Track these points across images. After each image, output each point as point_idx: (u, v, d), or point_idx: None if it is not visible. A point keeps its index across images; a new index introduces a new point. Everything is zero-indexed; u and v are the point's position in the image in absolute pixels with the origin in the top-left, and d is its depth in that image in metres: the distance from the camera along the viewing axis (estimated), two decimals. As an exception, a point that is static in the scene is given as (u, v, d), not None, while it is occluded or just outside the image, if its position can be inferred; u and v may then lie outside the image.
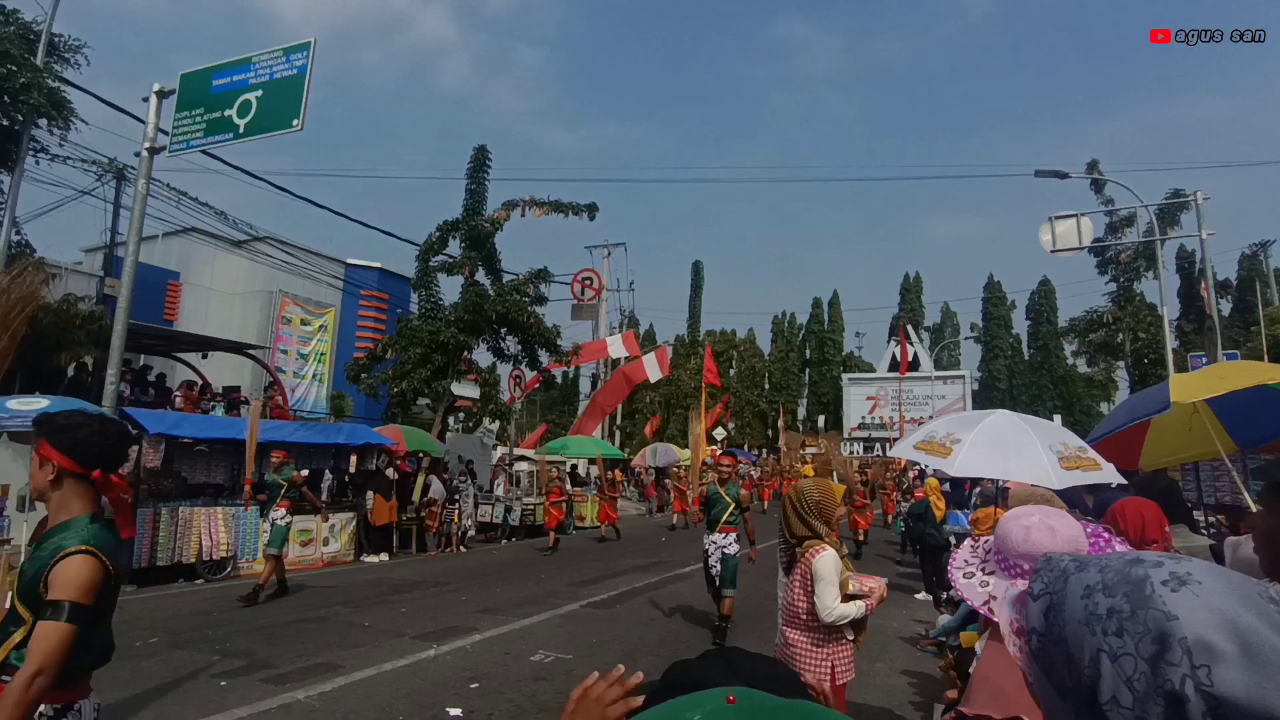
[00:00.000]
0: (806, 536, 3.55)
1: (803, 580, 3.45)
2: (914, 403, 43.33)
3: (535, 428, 34.88)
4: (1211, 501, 7.44)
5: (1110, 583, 0.69)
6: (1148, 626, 0.63)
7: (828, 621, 3.35)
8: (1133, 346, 28.71)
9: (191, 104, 11.96)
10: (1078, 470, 3.83)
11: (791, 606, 3.49)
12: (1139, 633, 0.64)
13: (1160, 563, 0.69)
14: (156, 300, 21.49)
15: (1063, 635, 0.69)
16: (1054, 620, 0.71)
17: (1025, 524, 1.68)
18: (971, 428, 4.20)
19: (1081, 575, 0.72)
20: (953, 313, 55.12)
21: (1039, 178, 18.03)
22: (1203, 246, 17.75)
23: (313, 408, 25.84)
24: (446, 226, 19.23)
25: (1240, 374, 4.63)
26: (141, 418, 10.99)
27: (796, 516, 3.59)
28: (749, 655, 0.85)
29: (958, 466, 4.05)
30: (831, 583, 3.37)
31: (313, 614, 8.60)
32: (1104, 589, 0.69)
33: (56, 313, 12.59)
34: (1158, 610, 0.64)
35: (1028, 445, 3.97)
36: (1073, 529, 1.64)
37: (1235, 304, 34.47)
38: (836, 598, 3.35)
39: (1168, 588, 0.65)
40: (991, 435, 4.13)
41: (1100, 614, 0.67)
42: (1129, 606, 0.65)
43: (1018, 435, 4.10)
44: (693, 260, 64.60)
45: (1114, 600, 0.67)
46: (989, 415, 4.40)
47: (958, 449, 4.04)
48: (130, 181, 14.11)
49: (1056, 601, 0.72)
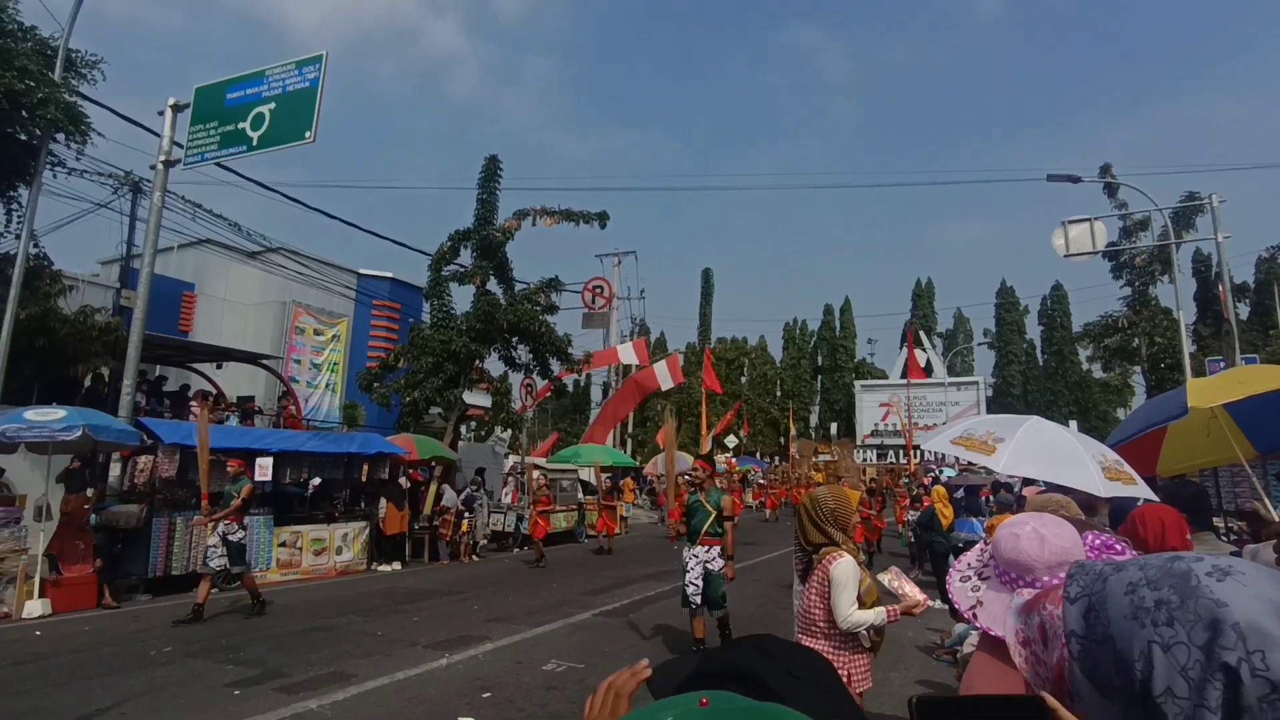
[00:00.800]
0: (823, 544, 3.51)
1: (819, 587, 3.40)
2: (927, 409, 43.06)
3: (547, 436, 34.92)
4: (1232, 508, 7.33)
5: (1154, 578, 0.69)
6: (1198, 614, 0.63)
7: (844, 628, 3.30)
8: (1149, 351, 28.40)
9: (206, 117, 12.13)
10: (1118, 483, 3.77)
11: (808, 614, 3.44)
12: (1190, 621, 0.64)
13: (1200, 558, 0.69)
14: (172, 311, 21.72)
15: (1108, 634, 0.69)
16: (1095, 621, 0.71)
17: (1016, 532, 1.65)
18: (1014, 429, 4.12)
19: (1121, 575, 0.72)
20: (965, 318, 54.91)
21: (1051, 182, 17.92)
22: (1219, 250, 17.57)
23: (326, 417, 25.98)
24: (458, 236, 19.34)
25: (1259, 378, 4.56)
26: (156, 428, 11.10)
27: (812, 524, 3.55)
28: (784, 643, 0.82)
29: (1005, 464, 3.96)
30: (848, 589, 3.31)
31: (325, 623, 8.62)
32: (1148, 584, 0.69)
33: (73, 324, 12.75)
34: (1207, 598, 0.64)
35: (1073, 453, 3.90)
36: (1065, 539, 1.61)
37: (1254, 308, 34.06)
38: (853, 604, 3.30)
39: (1213, 578, 0.66)
40: (1036, 438, 4.05)
41: (1148, 606, 0.67)
42: (1177, 597, 0.65)
43: (1063, 442, 4.04)
44: (703, 268, 64.54)
45: (1161, 593, 0.67)
46: (1027, 419, 4.30)
47: (1002, 448, 3.95)
48: (146, 194, 14.29)
49: (1096, 602, 0.72)
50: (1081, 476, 3.73)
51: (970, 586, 1.73)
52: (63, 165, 12.71)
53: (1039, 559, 1.59)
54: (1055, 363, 46.55)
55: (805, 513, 3.62)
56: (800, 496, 15.74)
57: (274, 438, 12.80)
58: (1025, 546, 1.61)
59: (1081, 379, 45.04)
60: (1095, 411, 43.37)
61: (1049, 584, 1.53)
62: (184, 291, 23.46)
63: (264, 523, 11.68)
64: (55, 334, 12.39)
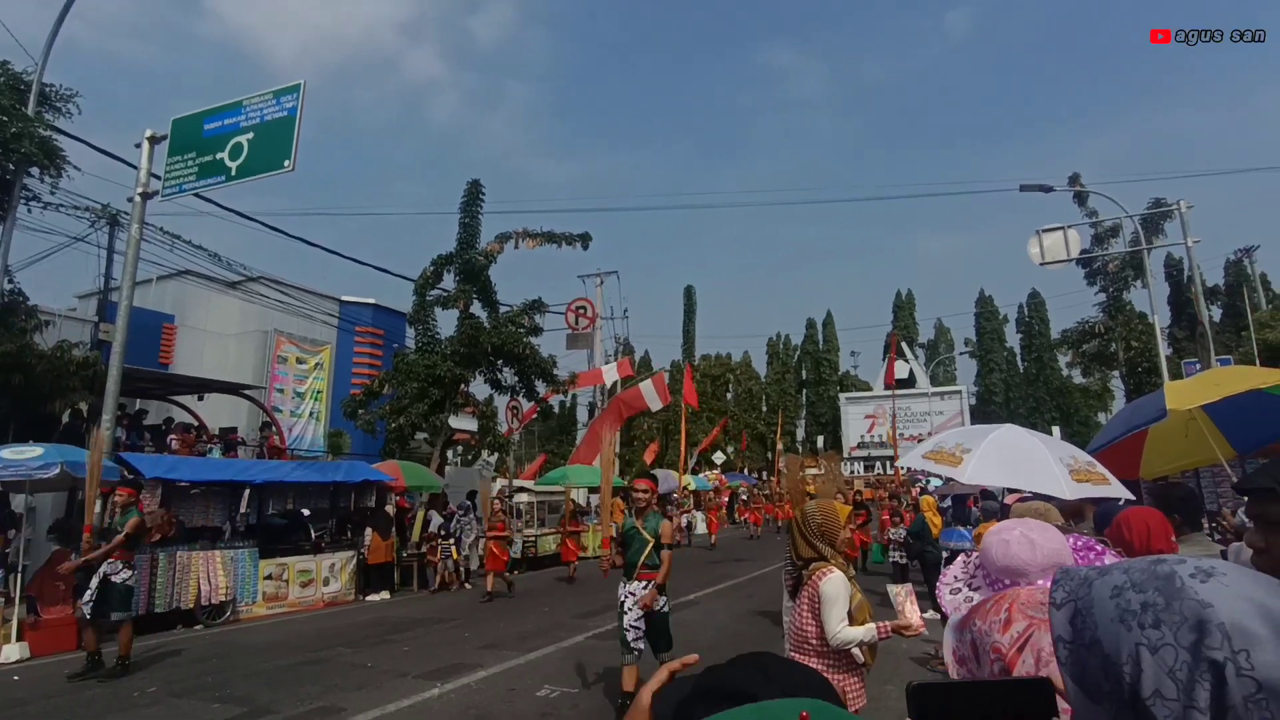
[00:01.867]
0: (813, 559, 3.46)
1: (810, 603, 3.35)
2: (912, 419, 43.34)
3: (534, 459, 34.70)
4: (1214, 508, 7.42)
5: (1138, 581, 0.70)
6: (1184, 615, 0.64)
7: (833, 645, 3.25)
8: (1126, 355, 28.84)
9: (184, 148, 12.09)
10: (1088, 483, 3.84)
11: (800, 631, 3.40)
12: (1176, 622, 0.64)
13: (1183, 560, 0.70)
14: (152, 344, 21.48)
15: (1095, 638, 0.69)
16: (1082, 625, 0.72)
17: (1005, 538, 1.67)
18: (982, 439, 4.21)
19: (1106, 579, 0.73)
20: (946, 328, 55.46)
21: (1024, 192, 18.24)
22: (1189, 254, 17.93)
23: (310, 446, 25.71)
24: (441, 261, 19.33)
25: (1234, 379, 4.65)
26: (137, 462, 10.92)
27: (802, 539, 3.52)
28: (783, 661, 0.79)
29: (969, 474, 4.04)
30: (838, 605, 3.27)
31: (314, 656, 8.47)
32: (1133, 587, 0.69)
33: (50, 360, 12.55)
34: (1192, 599, 0.65)
35: (1039, 457, 3.97)
36: (1054, 543, 1.63)
37: (1225, 309, 34.73)
38: (843, 621, 3.26)
39: (1196, 580, 0.67)
40: (1002, 446, 4.13)
41: (1134, 609, 0.67)
42: (1163, 599, 0.66)
43: (1029, 447, 4.11)
44: (685, 285, 64.81)
45: (1146, 595, 0.68)
46: (998, 428, 4.41)
47: (968, 458, 4.04)
48: (123, 227, 14.18)
49: (1083, 607, 0.72)
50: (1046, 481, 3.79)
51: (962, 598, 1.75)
52: (38, 199, 12.61)
53: (1031, 562, 1.61)
54: (1036, 370, 47.06)
55: (795, 527, 3.59)
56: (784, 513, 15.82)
57: (258, 469, 12.64)
58: (1017, 551, 1.63)
59: (1062, 385, 45.57)
60: (1077, 417, 43.83)
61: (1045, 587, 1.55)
62: (164, 323, 23.23)
63: (249, 555, 11.49)
64: (31, 370, 12.19)
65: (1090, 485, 3.85)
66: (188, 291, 24.24)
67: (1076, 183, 26.02)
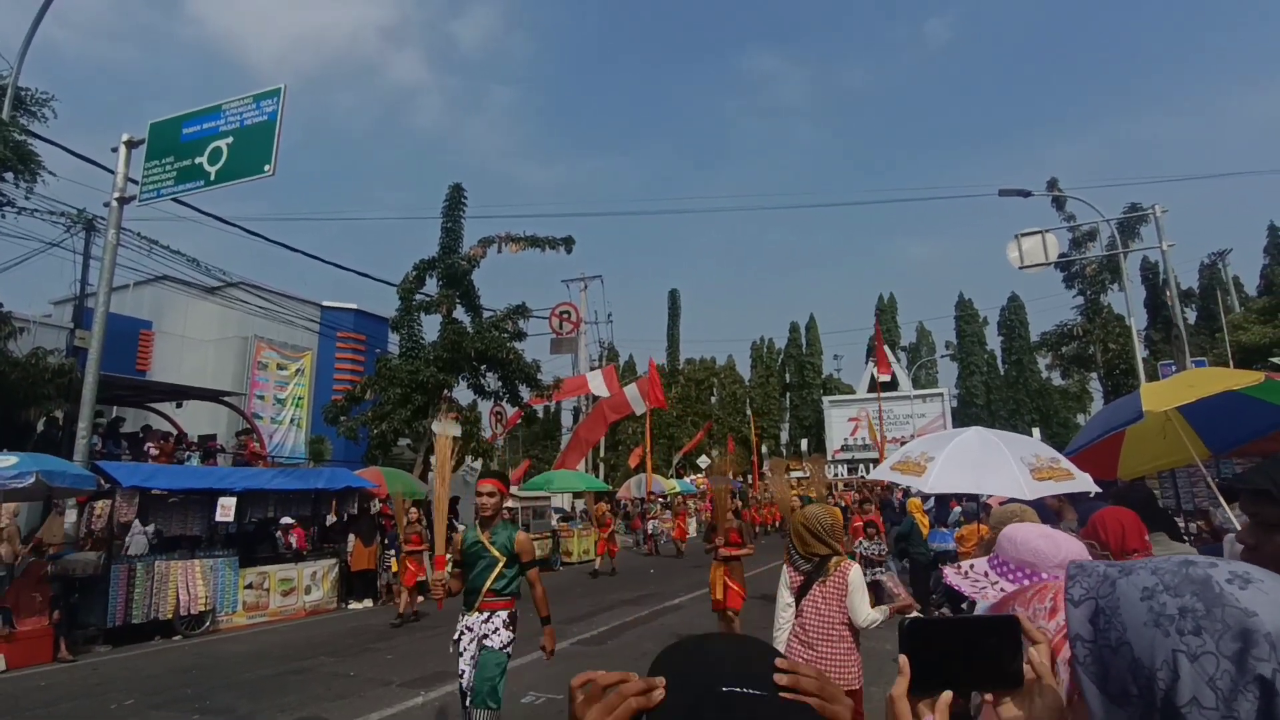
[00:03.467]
0: (827, 554, 3.84)
1: (837, 592, 3.73)
2: (895, 422, 43.60)
3: (518, 464, 34.57)
4: (1190, 507, 7.55)
5: (1172, 584, 0.67)
6: (1227, 623, 0.62)
7: (862, 626, 3.65)
8: (1104, 358, 29.25)
9: (161, 153, 11.95)
10: (1050, 481, 3.89)
11: (825, 619, 3.72)
12: (1218, 631, 0.62)
13: (1214, 563, 0.68)
14: (129, 350, 21.18)
15: (1124, 639, 0.67)
16: (1107, 626, 0.69)
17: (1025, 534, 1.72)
18: (944, 446, 4.28)
19: (1133, 579, 0.70)
20: (928, 332, 55.84)
21: (1003, 196, 18.45)
22: (1164, 258, 18.25)
23: (291, 453, 25.43)
24: (424, 265, 19.23)
25: (1208, 380, 4.73)
26: (114, 471, 10.75)
27: (815, 539, 3.87)
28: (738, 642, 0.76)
29: (931, 484, 4.12)
30: (863, 591, 3.70)
31: (296, 665, 8.38)
32: (1167, 590, 0.67)
33: (24, 367, 12.34)
34: (1235, 607, 0.63)
35: (999, 459, 4.04)
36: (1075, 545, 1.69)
37: (1200, 312, 35.32)
38: (868, 603, 3.69)
39: (1235, 585, 0.64)
40: (963, 452, 4.20)
41: (1171, 614, 0.65)
42: (1203, 605, 0.64)
43: (989, 450, 4.17)
44: (669, 289, 64.95)
45: (1183, 600, 0.65)
46: (962, 433, 4.49)
47: (931, 467, 4.11)
48: (100, 232, 13.98)
49: (1106, 606, 0.70)
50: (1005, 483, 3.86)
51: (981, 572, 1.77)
52: (12, 204, 12.39)
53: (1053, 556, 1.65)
54: (1016, 372, 47.54)
55: (805, 529, 3.92)
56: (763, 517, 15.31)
57: (237, 476, 12.49)
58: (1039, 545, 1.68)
59: (1041, 387, 46.06)
60: (1057, 419, 44.32)
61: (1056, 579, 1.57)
62: (141, 330, 22.91)
63: (228, 564, 11.35)
64: (5, 378, 11.97)
65: (1053, 482, 3.91)
66: (165, 297, 23.93)
67: (1054, 187, 26.37)
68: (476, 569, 4.56)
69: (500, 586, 4.54)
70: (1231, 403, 4.68)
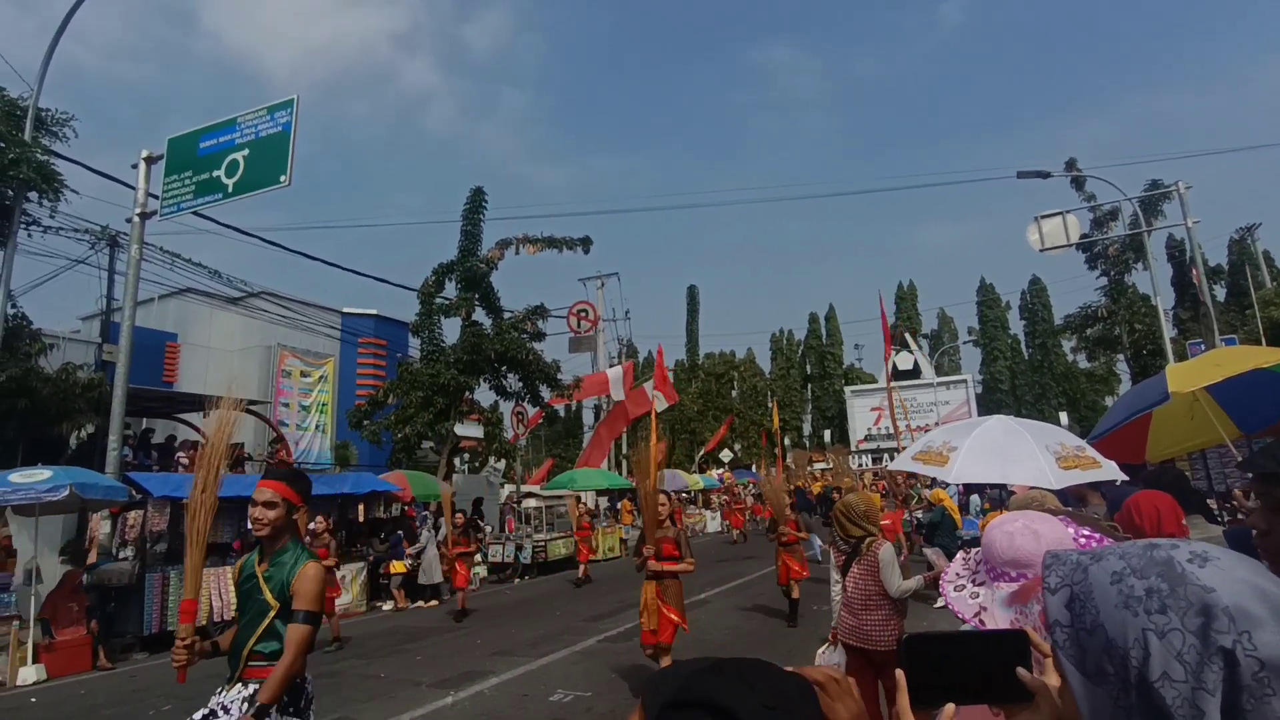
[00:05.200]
0: (864, 536, 4.44)
1: (870, 569, 4.32)
2: (919, 410, 43.18)
3: (541, 464, 34.75)
4: (1222, 489, 7.40)
5: (1138, 566, 0.71)
6: (1189, 600, 0.66)
7: (895, 595, 4.20)
8: (1130, 338, 28.71)
9: (180, 167, 12.13)
10: (1076, 469, 3.82)
11: (864, 591, 4.32)
12: (1182, 608, 0.66)
13: (1176, 545, 0.73)
14: (155, 363, 21.54)
15: (1098, 623, 0.71)
16: (1082, 610, 0.73)
17: (1009, 530, 1.66)
18: (967, 435, 4.22)
19: (1103, 564, 0.74)
20: (949, 318, 55.25)
21: (1022, 179, 18.17)
22: (1189, 235, 17.86)
23: (317, 459, 25.76)
24: (442, 269, 19.35)
25: (1235, 359, 4.63)
26: (145, 481, 10.97)
27: (851, 523, 4.51)
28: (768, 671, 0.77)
29: (955, 474, 4.06)
30: (894, 565, 4.30)
31: (326, 668, 8.49)
32: (1134, 573, 0.71)
33: (55, 383, 12.61)
34: (1195, 584, 0.67)
35: (1024, 448, 3.97)
36: (1057, 532, 1.63)
37: (1229, 288, 34.56)
38: (899, 576, 4.26)
39: (1194, 564, 0.69)
40: (987, 441, 4.14)
41: (1139, 595, 0.69)
42: (1167, 585, 0.68)
43: (1013, 439, 4.11)
44: (688, 285, 64.80)
45: (1149, 581, 0.69)
46: (984, 421, 4.43)
47: (954, 456, 4.05)
48: (123, 248, 14.24)
49: (1080, 592, 0.74)
50: (1032, 472, 3.80)
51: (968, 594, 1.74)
52: (38, 224, 12.66)
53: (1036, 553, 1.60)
54: (1040, 356, 46.88)
55: (844, 515, 4.57)
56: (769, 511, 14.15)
57: (265, 484, 12.66)
58: (1022, 543, 1.63)
59: (1067, 370, 45.37)
60: (1084, 401, 43.65)
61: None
62: (167, 342, 23.28)
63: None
64: (37, 394, 12.25)
65: (1079, 471, 3.84)
66: (189, 309, 24.32)
67: (1073, 167, 25.92)
68: (245, 615, 3.12)
69: (269, 650, 3.01)
70: (1262, 381, 4.57)
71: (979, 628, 1.66)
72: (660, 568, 6.55)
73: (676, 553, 6.62)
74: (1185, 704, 0.64)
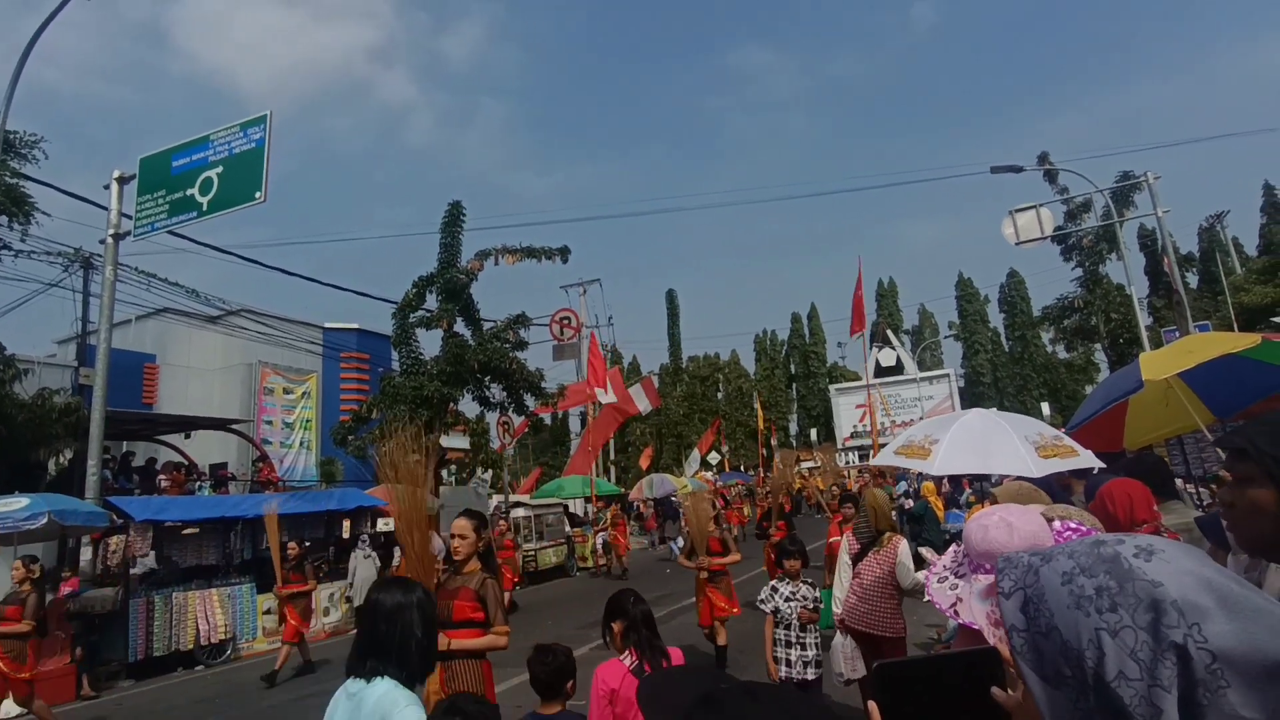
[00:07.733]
0: (887, 529, 4.72)
1: (889, 561, 4.58)
2: (902, 406, 43.55)
3: (529, 473, 34.61)
4: (1199, 473, 7.51)
5: (1086, 565, 0.71)
6: (1138, 596, 0.66)
7: (907, 587, 4.45)
8: (1107, 328, 29.13)
9: (153, 187, 12.01)
10: (1055, 458, 3.89)
11: (880, 581, 4.56)
12: (1131, 605, 0.66)
13: (1121, 539, 0.72)
14: (134, 385, 21.27)
15: (1052, 625, 0.70)
16: (1036, 613, 0.72)
17: (984, 524, 1.70)
18: (948, 428, 4.28)
19: (1053, 565, 0.73)
20: (930, 313, 55.81)
21: (995, 174, 18.43)
22: (1160, 224, 18.17)
23: (303, 476, 25.51)
24: (422, 282, 19.24)
25: (1206, 345, 4.71)
26: (126, 505, 10.82)
27: (883, 516, 4.78)
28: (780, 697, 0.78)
29: (938, 466, 4.12)
30: (910, 560, 4.55)
31: (317, 689, 8.40)
32: (1083, 572, 0.70)
33: (31, 409, 12.42)
34: (1143, 580, 0.67)
35: (1004, 439, 4.04)
36: (1032, 524, 1.66)
37: (1201, 275, 35.21)
38: (913, 569, 4.51)
39: (1140, 559, 0.68)
40: (968, 433, 4.20)
41: (1089, 595, 0.68)
42: (1115, 583, 0.68)
43: (993, 430, 4.18)
44: (667, 289, 64.98)
45: (1098, 579, 0.69)
46: (965, 414, 4.50)
47: (936, 449, 4.11)
48: (98, 269, 14.06)
49: (1033, 595, 0.73)
50: (1012, 462, 3.86)
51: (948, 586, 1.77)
52: (9, 248, 12.49)
53: (1009, 546, 1.63)
54: (1020, 348, 47.41)
55: (874, 507, 4.81)
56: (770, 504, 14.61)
57: (248, 503, 12.53)
58: (995, 536, 1.66)
59: (1047, 361, 45.93)
60: (1065, 391, 44.19)
61: None
62: (145, 363, 23.01)
63: (247, 590, 11.39)
64: (12, 420, 12.05)
65: (1058, 460, 3.91)
66: (167, 329, 24.03)
67: (1045, 161, 26.28)
68: None
69: None
70: (1232, 366, 4.67)
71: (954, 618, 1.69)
72: (711, 566, 7.87)
73: (721, 550, 8.02)
74: (1143, 702, 0.63)
